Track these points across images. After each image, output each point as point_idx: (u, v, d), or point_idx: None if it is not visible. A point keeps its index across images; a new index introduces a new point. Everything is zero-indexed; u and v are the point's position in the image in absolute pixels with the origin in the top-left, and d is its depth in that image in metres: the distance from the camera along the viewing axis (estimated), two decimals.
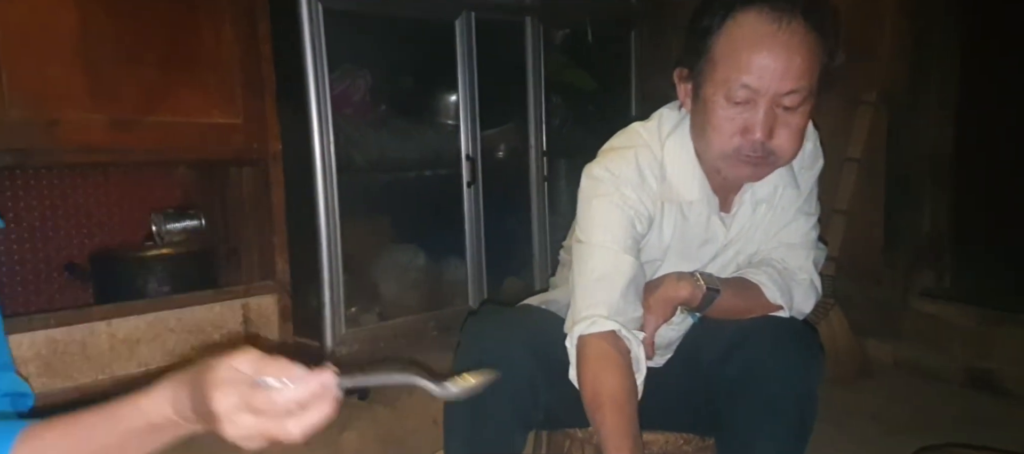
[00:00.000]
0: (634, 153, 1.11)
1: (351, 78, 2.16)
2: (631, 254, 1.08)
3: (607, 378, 1.02)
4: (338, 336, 2.01)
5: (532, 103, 2.46)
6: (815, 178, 1.17)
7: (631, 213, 1.08)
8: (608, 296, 1.05)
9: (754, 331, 1.09)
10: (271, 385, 0.56)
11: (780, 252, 1.17)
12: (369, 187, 2.23)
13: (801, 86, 0.97)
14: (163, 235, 1.75)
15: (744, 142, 1.01)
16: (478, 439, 1.13)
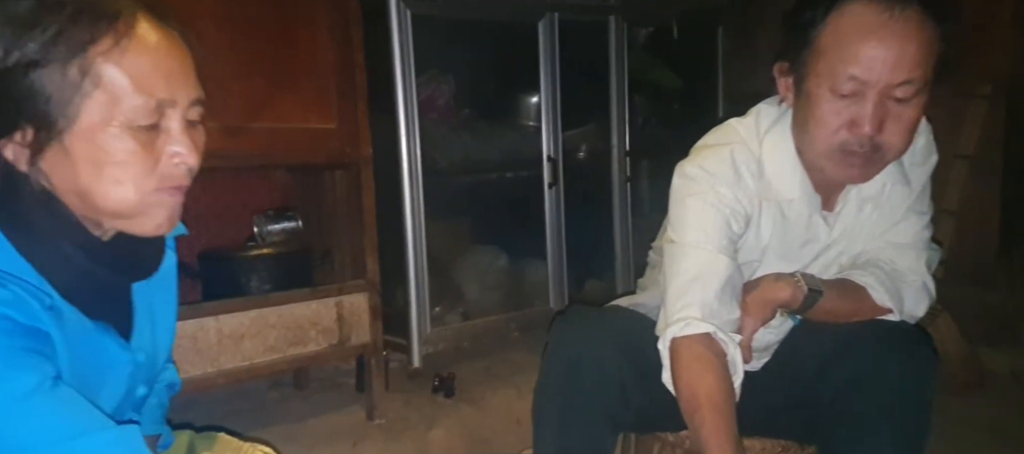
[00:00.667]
0: (730, 150, 1.08)
1: (436, 83, 2.22)
2: (726, 254, 1.04)
3: (704, 380, 0.99)
4: (423, 335, 2.07)
5: (615, 103, 2.44)
6: (928, 175, 1.11)
7: (726, 212, 1.05)
8: (702, 297, 1.02)
9: (861, 335, 1.04)
10: None
11: (889, 253, 1.11)
12: (452, 189, 2.27)
13: (915, 76, 0.91)
14: (264, 236, 1.84)
15: (851, 137, 0.95)
16: (568, 440, 1.13)
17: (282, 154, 1.67)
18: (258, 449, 0.91)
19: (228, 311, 1.58)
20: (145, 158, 0.66)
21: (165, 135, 0.67)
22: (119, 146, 0.64)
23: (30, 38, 0.61)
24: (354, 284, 1.80)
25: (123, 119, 0.64)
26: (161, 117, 0.66)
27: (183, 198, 0.72)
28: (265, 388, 1.98)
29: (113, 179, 0.65)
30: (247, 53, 1.56)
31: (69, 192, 0.66)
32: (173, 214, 0.70)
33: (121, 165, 0.65)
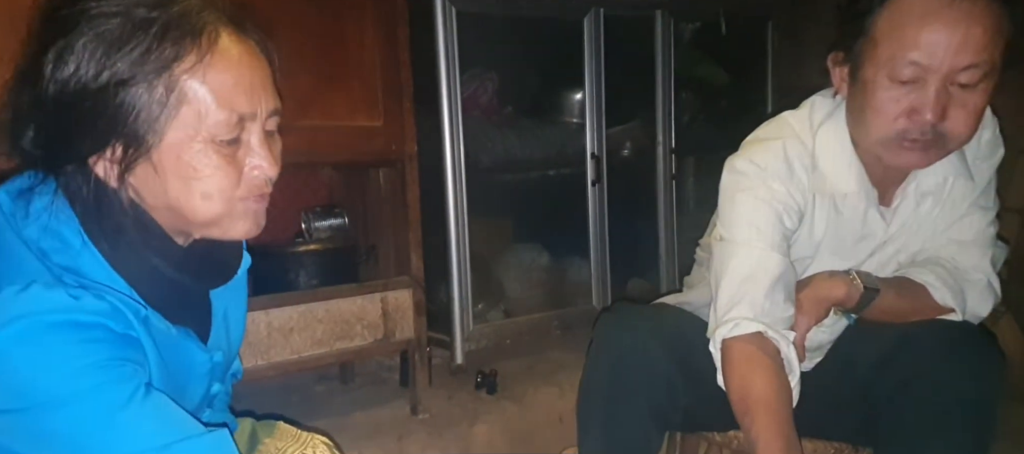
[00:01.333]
0: (782, 144, 1.05)
1: (480, 80, 2.22)
2: (779, 252, 1.02)
3: (756, 380, 0.97)
4: (466, 331, 2.08)
5: (661, 99, 2.40)
6: (993, 170, 1.07)
7: (779, 207, 1.03)
8: (753, 296, 1.00)
9: (918, 334, 1.01)
10: None
11: (951, 250, 1.07)
12: (495, 187, 2.28)
13: (982, 60, 0.87)
14: (312, 232, 1.88)
15: (911, 125, 0.92)
16: (614, 438, 1.12)
17: (329, 152, 1.69)
18: (318, 439, 0.93)
19: (277, 305, 1.61)
20: (229, 171, 0.68)
21: (246, 148, 0.69)
22: (205, 161, 0.67)
23: (120, 57, 0.63)
24: (398, 280, 1.82)
25: (207, 134, 0.66)
26: (242, 130, 0.68)
27: (266, 203, 0.74)
28: (312, 382, 2.02)
29: (200, 193, 0.67)
30: (296, 51, 1.59)
31: (160, 207, 0.69)
32: (258, 220, 0.73)
33: (207, 179, 0.67)
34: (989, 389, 0.97)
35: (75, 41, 0.63)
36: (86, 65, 0.63)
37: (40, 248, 0.64)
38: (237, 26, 0.69)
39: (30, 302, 0.60)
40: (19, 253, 0.64)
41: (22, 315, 0.60)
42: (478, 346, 2.10)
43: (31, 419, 0.61)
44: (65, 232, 0.66)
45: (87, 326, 0.62)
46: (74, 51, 0.63)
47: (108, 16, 0.63)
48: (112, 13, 0.64)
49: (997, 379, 0.99)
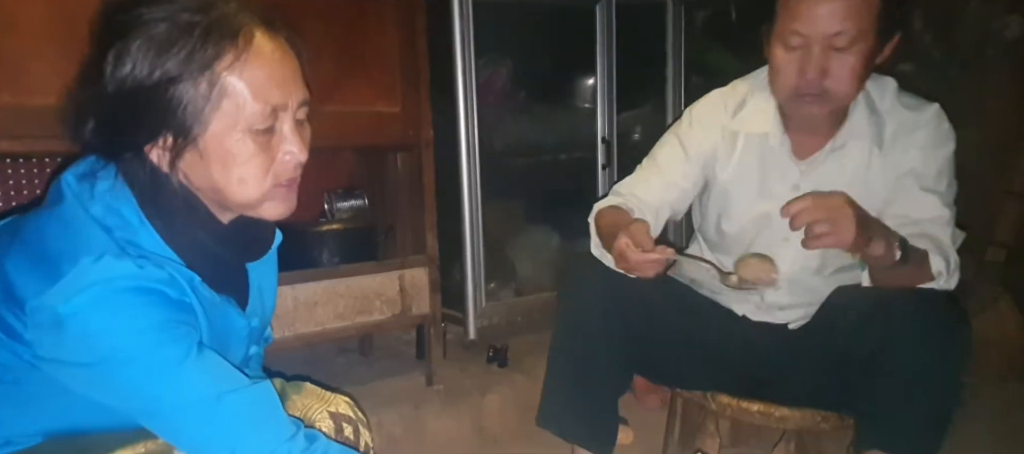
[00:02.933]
0: (720, 92, 1.31)
1: (494, 66, 2.29)
2: (670, 183, 1.30)
3: (610, 213, 1.28)
4: (479, 309, 2.16)
5: (671, 85, 2.46)
6: (944, 160, 1.16)
7: (689, 147, 1.29)
8: (634, 194, 1.30)
9: (893, 304, 1.07)
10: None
11: (909, 230, 1.12)
12: (508, 170, 2.34)
13: (846, 27, 1.05)
14: (334, 212, 1.97)
15: (802, 82, 1.10)
16: (582, 376, 1.25)
17: (351, 137, 1.78)
18: (341, 399, 1.00)
19: (303, 281, 1.71)
20: (263, 158, 0.76)
21: (279, 136, 0.78)
22: (242, 148, 0.75)
23: (169, 57, 0.71)
24: (415, 259, 1.91)
25: (245, 125, 0.74)
26: (275, 120, 0.77)
27: (297, 188, 0.83)
28: (334, 353, 2.13)
29: (238, 178, 0.76)
30: (318, 40, 1.67)
31: (205, 189, 0.78)
32: (290, 203, 0.82)
33: (244, 165, 0.75)
34: (956, 361, 1.05)
35: (131, 44, 0.72)
36: (140, 65, 0.71)
37: (105, 224, 0.73)
38: (269, 25, 0.77)
39: (103, 270, 0.69)
40: (89, 228, 0.73)
41: (97, 282, 0.69)
42: (490, 322, 2.19)
43: (104, 371, 0.70)
44: (125, 211, 0.75)
45: (149, 292, 0.71)
46: (130, 53, 0.71)
47: (157, 21, 0.72)
48: (161, 18, 0.72)
49: (964, 350, 1.06)
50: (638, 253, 1.06)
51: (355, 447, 0.92)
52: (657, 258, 1.06)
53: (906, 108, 1.17)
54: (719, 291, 1.31)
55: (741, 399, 1.26)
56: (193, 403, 0.72)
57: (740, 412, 1.26)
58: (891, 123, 1.17)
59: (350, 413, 0.95)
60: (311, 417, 0.91)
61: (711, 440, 1.37)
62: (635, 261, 1.06)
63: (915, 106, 1.18)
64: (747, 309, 1.30)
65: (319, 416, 0.91)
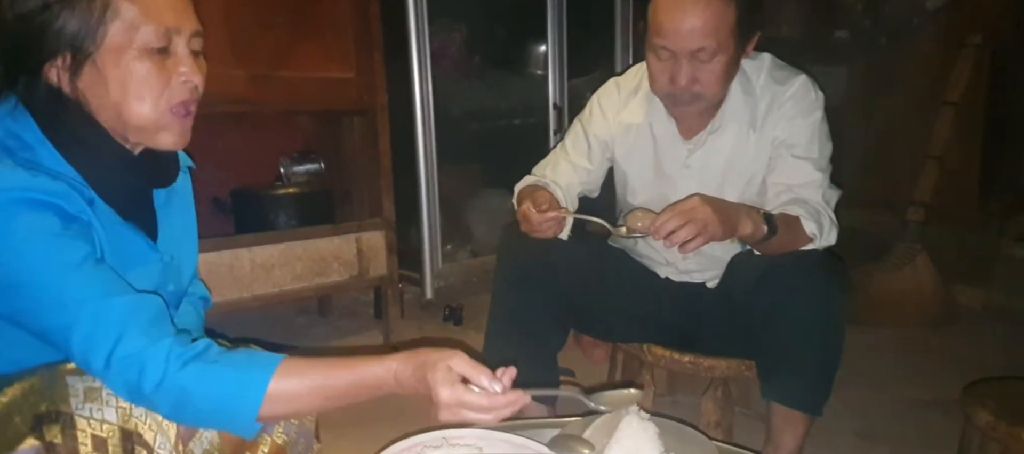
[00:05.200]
0: (617, 81, 1.42)
1: (448, 32, 2.32)
2: (575, 166, 1.41)
3: (527, 189, 1.40)
4: (435, 270, 2.24)
5: (619, 52, 2.53)
6: (813, 127, 1.25)
7: (592, 139, 1.40)
8: (543, 171, 1.44)
9: (783, 263, 1.20)
10: (480, 389, 0.74)
11: (785, 196, 1.24)
12: (463, 135, 2.40)
13: (707, 44, 1.14)
14: (289, 176, 2.00)
15: (673, 87, 1.20)
16: (521, 331, 1.36)
17: (305, 101, 1.81)
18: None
19: (260, 244, 1.76)
20: (159, 77, 0.78)
21: (174, 58, 0.81)
22: (138, 67, 0.77)
23: None
24: (371, 222, 1.96)
25: (140, 43, 0.77)
26: (169, 43, 0.80)
27: (191, 120, 0.85)
28: (293, 314, 2.18)
29: (136, 96, 0.78)
30: (272, 6, 1.69)
31: (105, 109, 0.80)
32: (185, 133, 0.84)
33: (141, 83, 0.78)
34: (839, 308, 1.18)
35: None
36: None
37: (4, 145, 0.77)
38: None
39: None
40: None
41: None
42: (446, 283, 2.26)
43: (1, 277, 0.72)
44: (24, 134, 0.78)
45: (44, 204, 0.73)
46: None
47: None
48: None
49: (843, 298, 1.19)
50: (536, 213, 1.20)
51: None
52: (552, 216, 1.21)
53: (776, 83, 1.27)
54: (643, 255, 1.42)
55: (673, 351, 1.37)
56: (88, 300, 0.72)
57: (673, 362, 1.37)
58: (763, 99, 1.27)
59: None
60: None
61: (647, 388, 1.48)
62: (535, 220, 1.21)
63: (783, 79, 1.28)
64: (669, 271, 1.42)
65: None
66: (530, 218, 1.21)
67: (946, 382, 1.92)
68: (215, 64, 1.61)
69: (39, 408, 0.68)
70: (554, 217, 1.21)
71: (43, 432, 0.66)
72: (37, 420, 0.67)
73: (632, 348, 1.44)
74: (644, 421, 0.95)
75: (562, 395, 0.85)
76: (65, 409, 0.68)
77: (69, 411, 0.68)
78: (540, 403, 1.41)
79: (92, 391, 0.71)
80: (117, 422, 0.70)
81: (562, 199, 1.36)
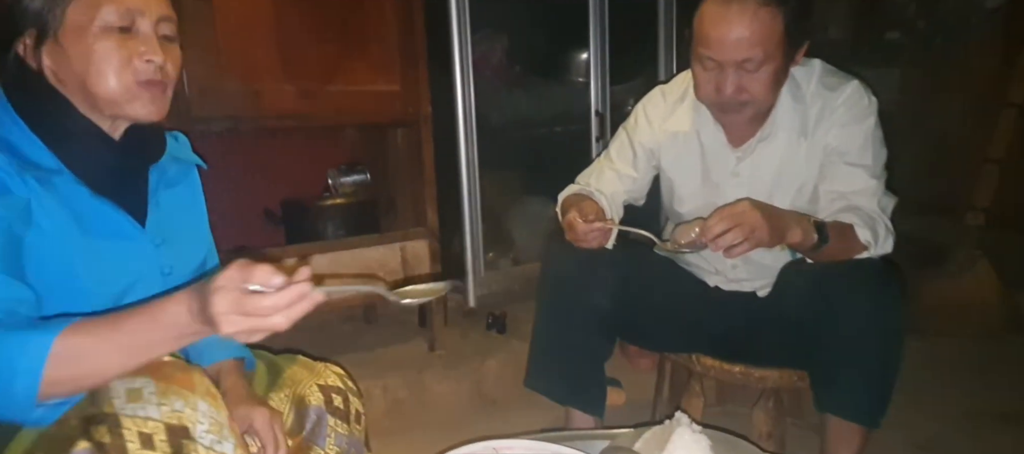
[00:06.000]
0: (663, 89, 1.41)
1: (490, 42, 2.34)
2: (621, 175, 1.41)
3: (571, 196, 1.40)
4: (478, 278, 2.24)
5: (663, 58, 2.51)
6: (866, 133, 1.23)
7: (638, 148, 1.40)
8: (588, 180, 1.44)
9: (837, 272, 1.17)
10: (259, 290, 0.65)
11: (838, 204, 1.21)
12: (505, 144, 2.40)
13: (753, 54, 1.13)
14: (337, 187, 2.04)
15: (719, 97, 1.19)
16: (565, 343, 1.35)
17: (352, 114, 1.84)
18: (331, 368, 1.03)
19: (309, 253, 1.79)
20: (121, 55, 0.81)
21: (137, 38, 0.83)
22: (99, 44, 0.81)
23: None
24: (416, 231, 1.99)
25: (102, 21, 0.80)
26: (132, 23, 0.83)
27: (165, 93, 0.87)
28: (340, 322, 2.22)
29: (97, 71, 0.81)
30: (321, 22, 1.73)
31: (71, 83, 0.83)
32: (157, 104, 0.85)
33: (102, 59, 0.80)
34: (895, 317, 1.15)
35: None
36: None
37: None
38: None
39: None
40: None
41: None
42: (489, 291, 2.27)
43: None
44: None
45: None
46: None
47: None
48: None
49: (901, 309, 1.16)
50: (582, 223, 1.19)
51: (345, 417, 0.96)
52: (598, 227, 1.20)
53: (828, 89, 1.24)
54: (692, 264, 1.41)
55: (723, 361, 1.35)
56: None
57: (722, 373, 1.35)
58: (814, 106, 1.24)
59: (339, 384, 0.99)
60: (301, 391, 0.95)
61: (696, 400, 1.46)
62: (581, 230, 1.20)
63: (835, 86, 1.25)
64: (718, 280, 1.39)
65: (309, 389, 0.96)
66: (576, 228, 1.20)
67: (1011, 394, 1.84)
68: (267, 80, 1.68)
69: (86, 412, 0.70)
70: (601, 228, 1.20)
71: (91, 433, 0.68)
72: (85, 423, 0.69)
73: (680, 358, 1.43)
74: (696, 433, 0.93)
75: (362, 290, 0.80)
76: (109, 410, 0.70)
77: (114, 412, 0.70)
78: (586, 414, 1.41)
79: (133, 391, 0.72)
80: (160, 418, 0.71)
81: (607, 208, 1.35)
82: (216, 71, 1.60)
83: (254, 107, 1.66)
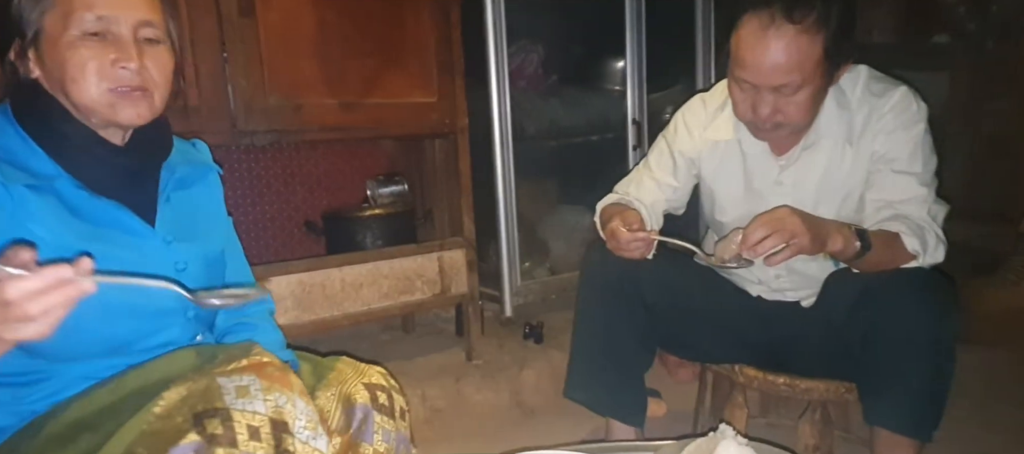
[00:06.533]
0: (703, 97, 1.40)
1: (525, 52, 2.35)
2: (660, 184, 1.40)
3: (611, 207, 1.38)
4: (514, 287, 2.25)
5: (701, 65, 2.49)
6: (915, 140, 1.19)
7: (676, 151, 1.39)
8: (626, 189, 1.43)
9: (885, 280, 1.14)
10: (11, 274, 0.61)
11: (885, 212, 1.18)
12: (541, 153, 2.41)
13: (791, 79, 1.10)
14: (376, 198, 2.07)
15: (755, 118, 1.17)
16: (606, 352, 1.33)
17: (391, 126, 1.87)
18: (374, 370, 1.04)
19: (349, 263, 1.82)
20: (96, 63, 0.83)
21: (113, 45, 0.85)
22: (74, 51, 0.82)
23: None
24: (453, 241, 2.00)
25: (76, 30, 0.82)
26: (107, 30, 0.84)
27: (149, 97, 0.87)
28: (378, 331, 2.24)
29: (71, 78, 0.83)
30: (361, 36, 1.76)
31: (56, 90, 0.85)
32: (140, 109, 0.87)
33: (76, 66, 0.82)
34: (947, 327, 1.10)
35: None
36: None
37: None
38: None
39: None
40: None
41: None
42: (525, 300, 2.27)
43: None
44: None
45: None
46: None
47: None
48: None
49: (952, 318, 1.11)
50: (626, 232, 1.18)
51: (391, 413, 0.98)
52: (642, 237, 1.19)
53: (874, 96, 1.21)
54: (733, 273, 1.39)
55: (767, 372, 1.32)
56: None
57: (767, 384, 1.32)
58: (860, 113, 1.21)
59: (383, 382, 1.01)
60: (347, 389, 0.97)
61: (739, 411, 1.43)
62: (624, 239, 1.19)
63: (882, 92, 1.21)
64: (761, 290, 1.37)
65: (354, 387, 0.98)
66: (619, 237, 1.20)
67: None
68: (309, 94, 1.72)
69: (197, 408, 0.74)
70: (644, 238, 1.19)
71: (205, 426, 0.72)
72: (196, 418, 0.73)
73: (723, 369, 1.40)
74: (742, 446, 0.92)
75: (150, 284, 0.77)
76: (220, 405, 0.74)
77: (225, 406, 0.74)
78: (627, 425, 1.40)
79: (241, 388, 0.76)
80: (266, 413, 0.75)
81: (647, 217, 1.34)
82: (260, 86, 1.64)
83: (296, 120, 1.70)
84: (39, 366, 0.84)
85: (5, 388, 0.84)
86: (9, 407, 0.84)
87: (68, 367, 0.85)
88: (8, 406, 0.84)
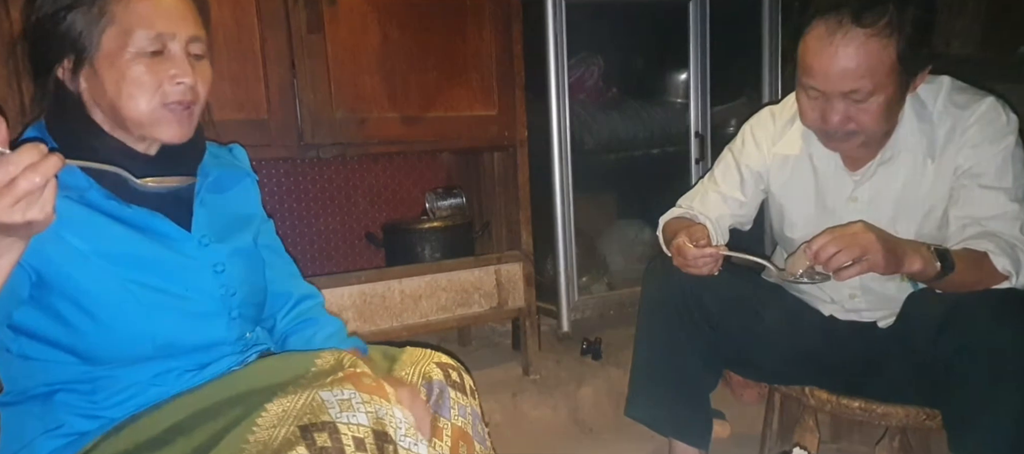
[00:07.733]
0: (771, 110, 1.36)
1: (586, 65, 2.34)
2: (726, 198, 1.36)
3: (674, 221, 1.37)
4: (571, 302, 2.22)
5: (767, 77, 2.42)
6: (1004, 154, 1.12)
7: (744, 170, 1.35)
8: (691, 203, 1.40)
9: (972, 301, 1.06)
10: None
11: (972, 229, 1.11)
12: (600, 166, 2.38)
13: (861, 86, 1.06)
14: (435, 211, 2.09)
15: (824, 125, 1.13)
16: (670, 372, 1.30)
17: (451, 140, 1.88)
18: (439, 355, 1.07)
19: (408, 275, 1.84)
20: (152, 78, 0.85)
21: (169, 61, 0.87)
22: (132, 67, 0.85)
23: None
24: (510, 254, 2.00)
25: (133, 48, 0.85)
26: (163, 47, 0.86)
27: (192, 114, 0.90)
28: (434, 344, 2.25)
29: (128, 95, 0.85)
30: (423, 51, 1.79)
31: (104, 106, 0.87)
32: (183, 126, 0.89)
33: (133, 83, 0.85)
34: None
35: None
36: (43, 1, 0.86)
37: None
38: None
39: None
40: None
41: None
42: (583, 316, 2.24)
43: None
44: (32, 130, 0.88)
45: None
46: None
47: None
48: None
49: None
50: (693, 248, 1.14)
51: (462, 389, 1.01)
52: (710, 253, 1.15)
53: (958, 107, 1.14)
54: (804, 292, 1.33)
55: (840, 395, 1.25)
56: None
57: (840, 408, 1.26)
58: (942, 126, 1.15)
59: (452, 362, 1.05)
60: (423, 368, 1.00)
61: (810, 435, 1.37)
62: (691, 255, 1.15)
63: (966, 104, 1.14)
64: (834, 310, 1.30)
65: (429, 366, 1.01)
66: (685, 253, 1.16)
67: None
68: (373, 108, 1.75)
69: (302, 421, 0.76)
70: (713, 253, 1.15)
71: (314, 439, 0.75)
72: (303, 430, 0.75)
73: (792, 390, 1.34)
74: None
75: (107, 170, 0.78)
76: (326, 418, 0.77)
77: (331, 420, 0.77)
78: (691, 446, 1.36)
79: (343, 401, 0.79)
80: (369, 424, 0.78)
81: (713, 232, 1.30)
82: (327, 101, 1.68)
83: (360, 134, 1.73)
84: (97, 372, 0.88)
85: (80, 396, 0.88)
86: (88, 412, 0.88)
87: (124, 371, 0.88)
88: (86, 411, 0.88)
